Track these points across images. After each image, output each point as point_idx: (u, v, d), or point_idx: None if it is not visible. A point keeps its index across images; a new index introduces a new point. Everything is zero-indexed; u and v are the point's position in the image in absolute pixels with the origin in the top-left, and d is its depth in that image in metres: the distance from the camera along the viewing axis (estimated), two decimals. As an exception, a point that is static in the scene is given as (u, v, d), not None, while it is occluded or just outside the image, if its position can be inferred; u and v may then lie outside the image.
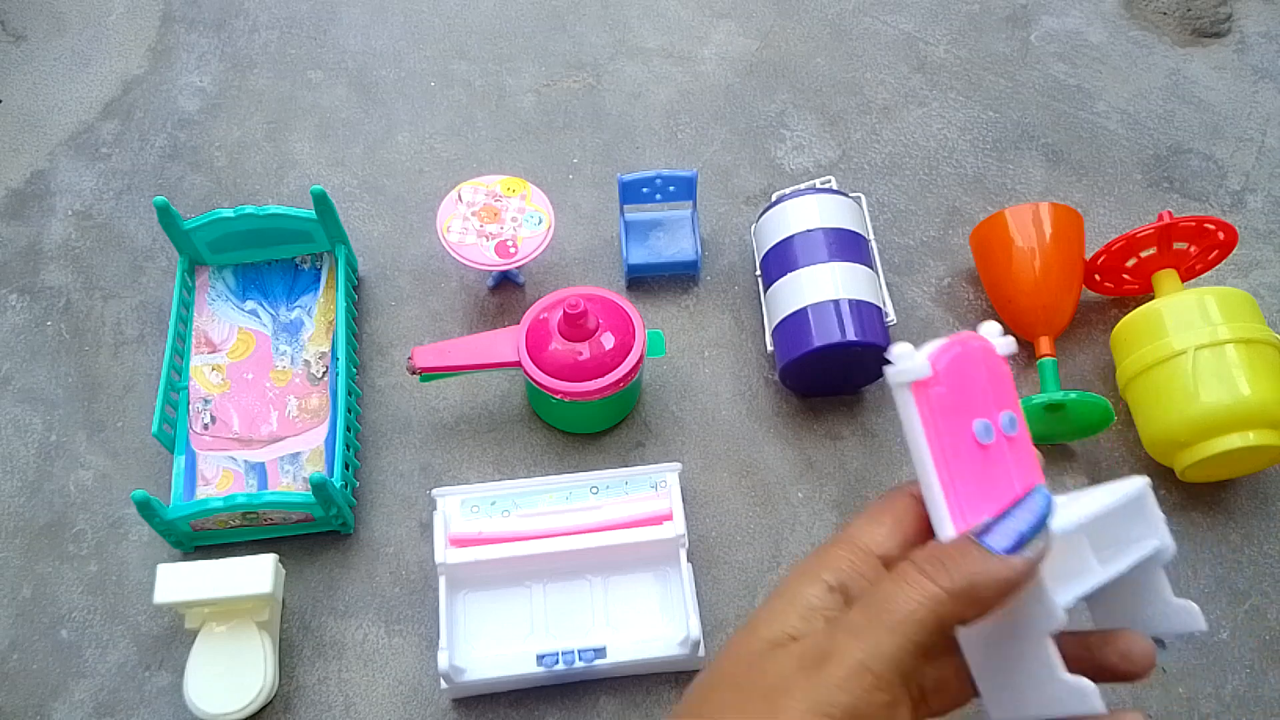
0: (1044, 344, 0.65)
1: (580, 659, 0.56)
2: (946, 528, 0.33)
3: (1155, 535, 0.36)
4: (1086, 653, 0.35)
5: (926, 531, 0.34)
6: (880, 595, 0.31)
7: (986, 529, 0.32)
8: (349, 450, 0.64)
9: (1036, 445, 0.35)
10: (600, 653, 0.56)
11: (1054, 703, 0.32)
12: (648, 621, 0.58)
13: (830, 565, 0.33)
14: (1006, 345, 0.38)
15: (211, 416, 0.65)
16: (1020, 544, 0.31)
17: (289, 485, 0.63)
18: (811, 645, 0.31)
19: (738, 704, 0.31)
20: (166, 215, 0.65)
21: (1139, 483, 0.36)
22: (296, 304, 0.69)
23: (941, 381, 0.35)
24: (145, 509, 0.57)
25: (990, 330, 0.38)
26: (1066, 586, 0.33)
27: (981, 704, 0.35)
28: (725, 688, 0.32)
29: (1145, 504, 0.36)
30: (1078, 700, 0.32)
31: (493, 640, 0.58)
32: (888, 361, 0.35)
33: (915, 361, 0.34)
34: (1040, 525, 0.32)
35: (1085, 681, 0.32)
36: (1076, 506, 0.35)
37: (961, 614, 0.31)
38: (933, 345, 0.35)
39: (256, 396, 0.66)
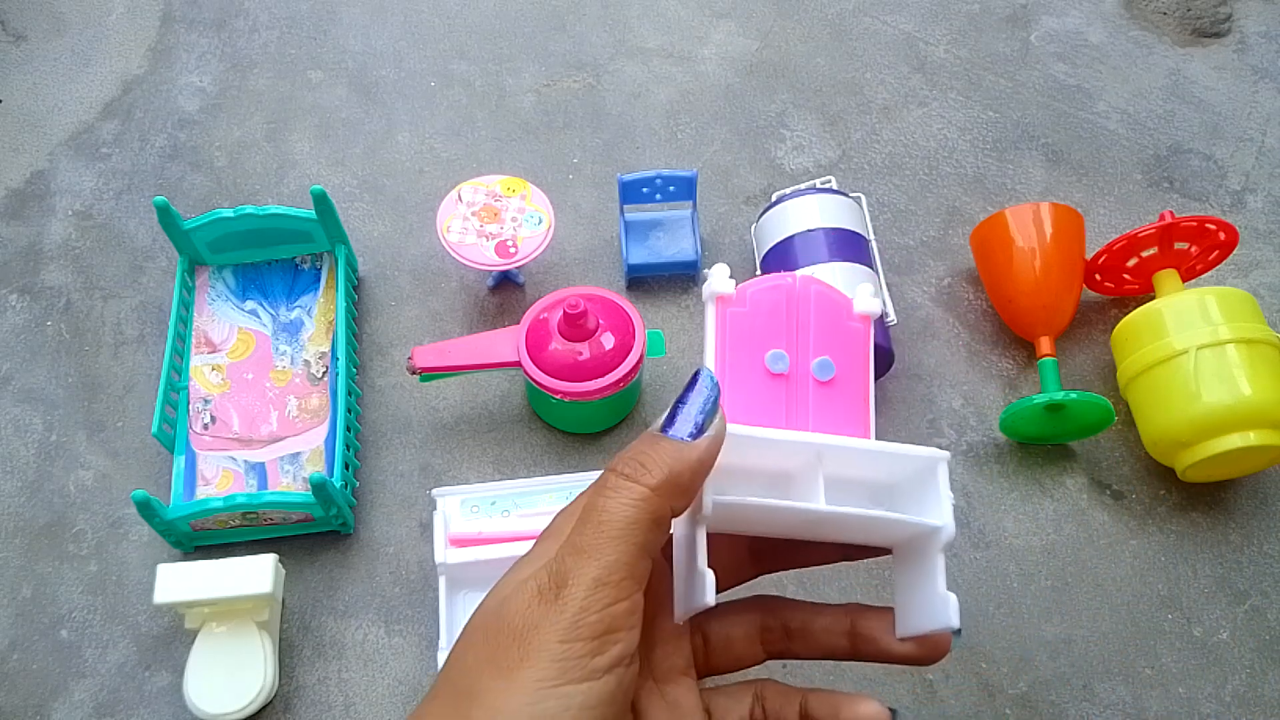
0: (1044, 344, 0.65)
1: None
2: None
3: (937, 514, 0.35)
4: (831, 711, 0.36)
5: None
6: (596, 510, 0.32)
7: (668, 421, 0.33)
8: (349, 450, 0.64)
9: (1037, 445, 0.35)
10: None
11: (697, 592, 0.34)
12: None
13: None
14: (867, 304, 0.38)
15: (211, 416, 0.65)
16: (700, 427, 0.33)
17: (289, 485, 0.63)
18: (546, 574, 0.32)
19: (490, 654, 0.31)
20: (166, 215, 0.65)
21: (935, 454, 0.36)
22: (296, 304, 0.69)
23: (746, 304, 0.36)
24: (145, 509, 0.57)
25: (862, 290, 0.38)
26: (747, 492, 0.34)
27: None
28: (477, 642, 0.32)
29: (935, 476, 0.36)
30: (701, 590, 0.33)
31: (493, 640, 0.58)
32: (890, 363, 0.35)
33: (721, 278, 0.36)
34: (710, 405, 0.33)
35: (709, 572, 0.33)
36: (834, 440, 0.36)
37: (671, 505, 0.32)
38: (767, 277, 0.37)
39: (256, 396, 0.66)
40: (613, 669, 0.30)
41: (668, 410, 0.33)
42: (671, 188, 0.70)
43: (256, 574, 0.57)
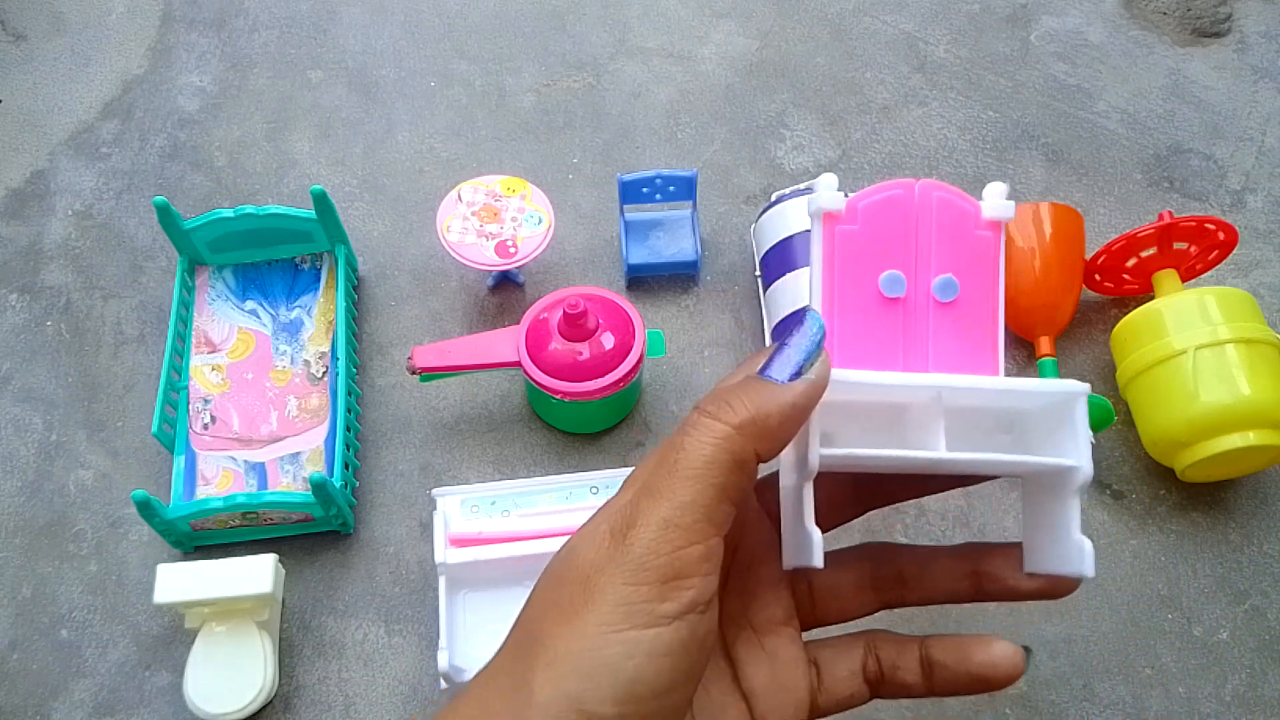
0: (1044, 344, 0.65)
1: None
2: None
3: (1074, 452, 0.33)
4: (960, 656, 0.34)
5: None
6: (673, 448, 0.30)
7: (767, 364, 0.31)
8: (349, 450, 0.64)
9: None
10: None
11: (803, 551, 0.32)
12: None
13: None
14: (997, 208, 0.34)
15: (211, 416, 0.65)
16: (799, 371, 0.31)
17: (289, 485, 0.63)
18: (618, 516, 0.30)
19: (555, 598, 0.30)
20: (166, 215, 0.65)
21: (1074, 388, 0.33)
22: (296, 304, 0.69)
23: (857, 220, 0.33)
24: (145, 509, 0.57)
25: (992, 190, 0.34)
26: (856, 444, 0.32)
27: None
28: (544, 587, 0.31)
29: (1073, 412, 0.33)
30: (808, 551, 0.32)
31: (493, 640, 0.58)
32: None
33: (829, 192, 0.33)
34: (814, 349, 0.31)
35: (815, 532, 0.32)
36: (962, 381, 0.33)
37: (754, 447, 0.30)
38: (881, 186, 0.33)
39: (256, 396, 0.66)
40: (683, 616, 0.29)
41: (770, 353, 0.32)
42: (671, 188, 0.70)
43: (256, 574, 0.57)
